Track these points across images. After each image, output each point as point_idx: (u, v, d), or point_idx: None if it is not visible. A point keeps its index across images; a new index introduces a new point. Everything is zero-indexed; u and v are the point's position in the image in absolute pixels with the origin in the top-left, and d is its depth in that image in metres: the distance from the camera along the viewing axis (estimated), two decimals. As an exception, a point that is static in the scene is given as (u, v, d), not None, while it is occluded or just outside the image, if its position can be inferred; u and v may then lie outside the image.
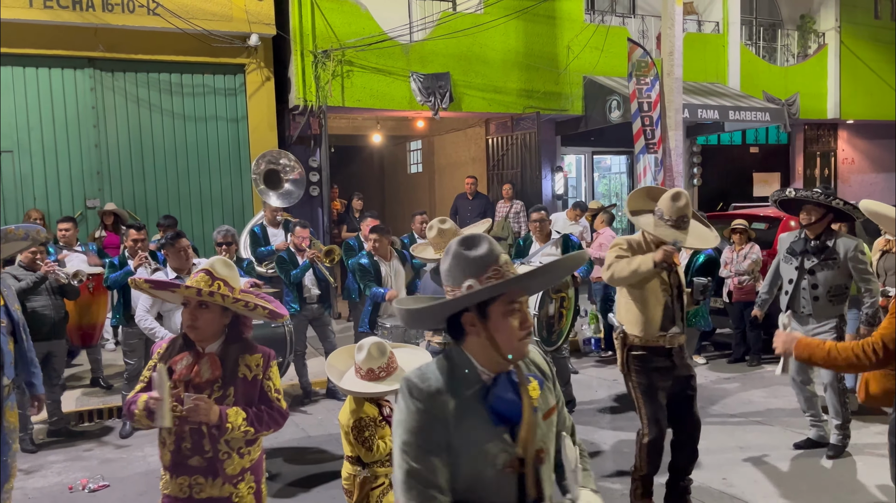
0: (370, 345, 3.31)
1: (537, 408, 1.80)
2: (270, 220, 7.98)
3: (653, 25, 12.75)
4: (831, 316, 4.93)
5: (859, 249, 4.86)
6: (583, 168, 13.97)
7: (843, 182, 15.95)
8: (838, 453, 5.03)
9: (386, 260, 6.24)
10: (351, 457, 3.43)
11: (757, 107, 12.23)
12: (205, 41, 9.49)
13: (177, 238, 5.22)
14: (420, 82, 10.70)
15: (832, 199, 4.80)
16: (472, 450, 1.73)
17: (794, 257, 5.04)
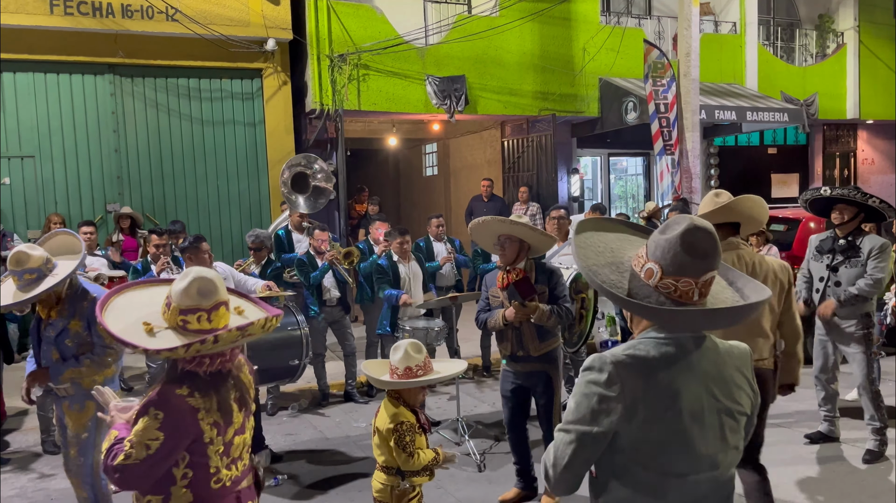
0: (406, 345, 3.35)
1: None
2: (296, 224, 7.75)
3: (669, 26, 12.70)
4: (856, 314, 4.91)
5: (884, 248, 4.83)
6: (599, 170, 13.93)
7: (863, 183, 15.77)
8: (875, 458, 4.94)
9: (406, 262, 6.27)
10: (386, 466, 3.32)
11: (775, 107, 12.14)
12: (223, 46, 9.58)
13: (198, 242, 5.26)
14: (436, 85, 10.72)
15: (869, 197, 4.79)
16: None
17: (823, 255, 5.05)
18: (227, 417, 2.29)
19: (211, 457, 2.26)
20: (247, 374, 2.47)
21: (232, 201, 10.16)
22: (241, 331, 2.17)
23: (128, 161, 9.60)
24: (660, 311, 1.76)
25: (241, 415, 2.36)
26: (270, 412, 6.49)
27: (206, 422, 2.22)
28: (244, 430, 2.40)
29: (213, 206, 10.09)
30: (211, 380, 2.26)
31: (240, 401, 2.36)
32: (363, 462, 5.30)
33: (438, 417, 6.13)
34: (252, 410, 2.47)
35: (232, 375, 2.35)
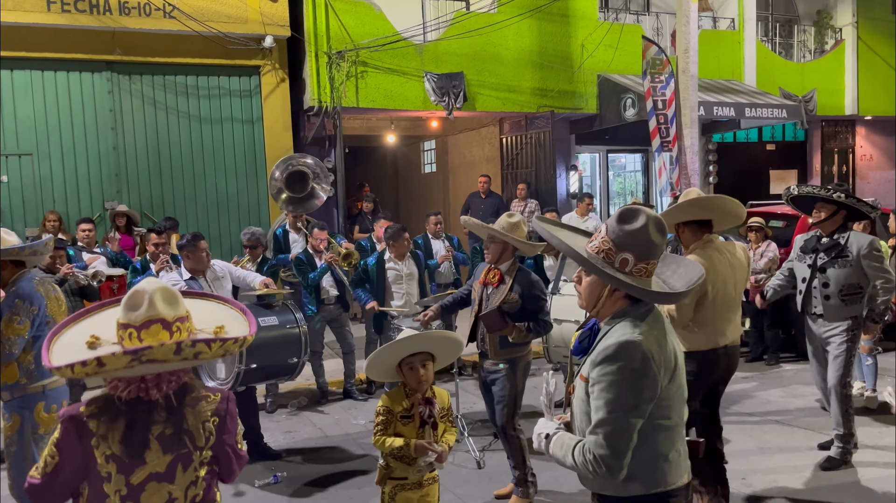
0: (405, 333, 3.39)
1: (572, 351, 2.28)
2: (293, 224, 7.65)
3: (667, 23, 12.68)
4: (844, 317, 4.70)
5: (874, 246, 4.67)
6: (597, 167, 13.92)
7: (862, 179, 15.79)
8: (835, 466, 4.77)
9: (402, 261, 6.25)
10: None
11: (773, 103, 12.13)
12: (220, 43, 9.56)
13: (196, 240, 5.25)
14: (434, 82, 10.71)
15: (840, 194, 4.62)
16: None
17: (806, 255, 4.88)
18: (134, 454, 1.95)
19: (109, 497, 1.95)
20: (203, 415, 2.06)
21: (230, 199, 10.14)
22: (135, 355, 1.82)
23: (126, 159, 9.58)
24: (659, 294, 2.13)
25: (168, 460, 1.99)
26: (269, 410, 6.50)
27: (99, 450, 1.93)
28: (173, 480, 2.00)
29: (212, 203, 10.07)
30: (127, 407, 1.96)
31: (167, 441, 1.99)
32: (362, 459, 5.30)
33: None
34: (197, 464, 2.05)
35: (166, 408, 2.00)
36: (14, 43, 8.70)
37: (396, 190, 17.87)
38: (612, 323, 2.13)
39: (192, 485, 2.04)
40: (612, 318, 2.14)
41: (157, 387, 1.97)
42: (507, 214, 4.47)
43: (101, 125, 9.43)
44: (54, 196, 9.24)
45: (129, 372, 1.90)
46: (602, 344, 2.09)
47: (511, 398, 4.41)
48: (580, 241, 2.23)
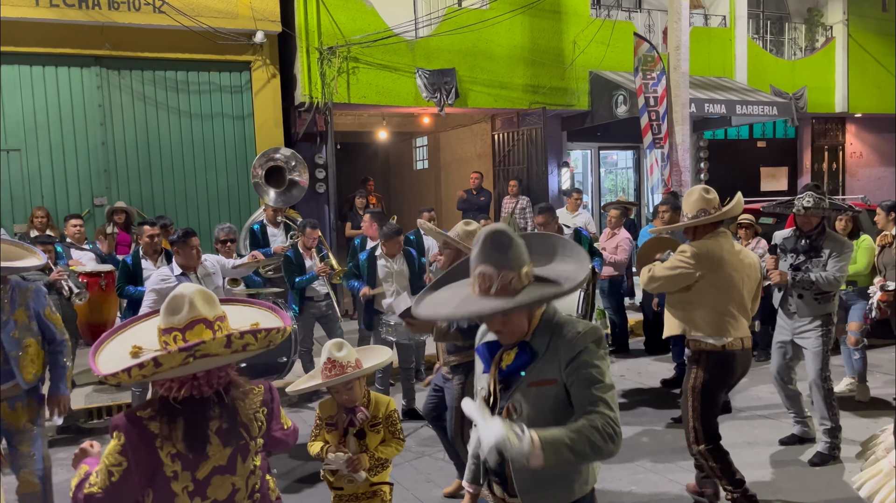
0: (329, 345, 3.21)
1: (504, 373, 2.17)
2: (271, 219, 7.72)
3: (659, 20, 12.70)
4: (816, 314, 4.79)
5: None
6: (589, 163, 13.94)
7: (851, 176, 15.87)
8: (824, 461, 4.82)
9: (392, 258, 6.23)
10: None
11: (764, 101, 12.17)
12: (210, 38, 9.51)
13: (187, 236, 5.23)
14: (426, 78, 10.69)
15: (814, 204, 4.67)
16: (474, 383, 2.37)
17: (786, 254, 4.96)
18: (197, 450, 2.02)
19: (178, 495, 2.01)
20: (252, 407, 2.16)
21: (220, 195, 10.09)
22: (189, 351, 1.88)
23: (115, 154, 9.52)
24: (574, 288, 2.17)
25: (228, 452, 2.07)
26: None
27: (164, 451, 1.98)
28: (235, 472, 2.08)
29: (202, 199, 10.02)
30: (183, 406, 2.02)
31: (225, 435, 2.07)
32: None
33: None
34: (253, 451, 2.15)
35: (218, 403, 2.07)
36: (2, 37, 8.62)
37: (388, 186, 17.84)
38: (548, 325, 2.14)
39: (252, 475, 2.15)
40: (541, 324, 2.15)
41: (209, 384, 2.05)
42: (464, 222, 4.42)
43: (90, 120, 9.36)
44: (42, 192, 9.17)
45: (184, 370, 1.95)
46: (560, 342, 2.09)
47: (459, 412, 4.33)
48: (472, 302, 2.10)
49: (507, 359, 2.17)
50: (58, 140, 9.23)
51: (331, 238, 10.31)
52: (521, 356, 2.14)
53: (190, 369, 1.96)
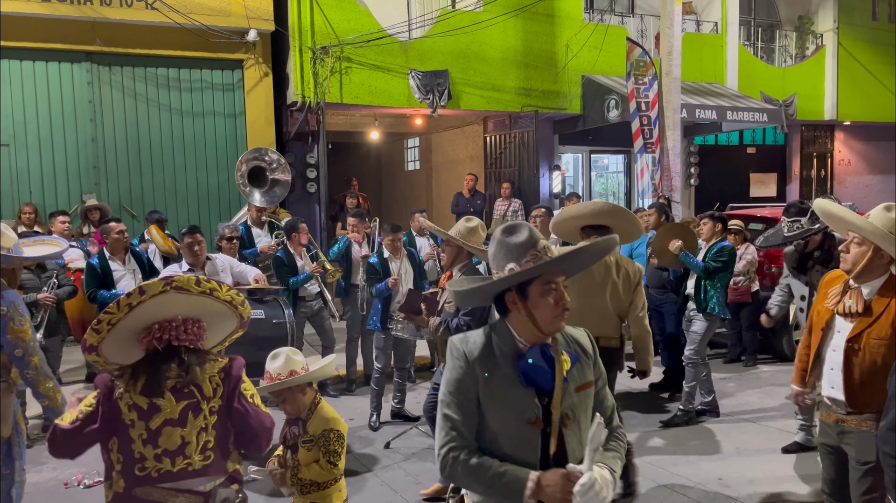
0: (287, 351, 3.15)
1: (567, 378, 2.04)
2: (255, 219, 7.64)
3: (651, 25, 12.76)
4: None
5: None
6: (580, 167, 13.98)
7: (840, 184, 16.00)
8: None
9: (397, 259, 6.22)
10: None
11: (754, 107, 12.25)
12: (203, 36, 9.47)
13: (187, 233, 5.22)
14: (418, 79, 10.69)
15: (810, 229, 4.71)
16: (498, 406, 2.00)
17: (801, 274, 4.98)
18: (151, 402, 2.31)
19: (134, 441, 2.30)
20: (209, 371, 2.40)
21: (211, 192, 10.05)
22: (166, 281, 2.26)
23: (105, 151, 9.46)
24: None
25: (180, 407, 2.33)
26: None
27: (123, 401, 2.31)
28: (185, 425, 2.32)
29: (192, 197, 9.98)
30: (150, 363, 2.34)
31: (179, 392, 2.34)
32: (341, 457, 5.28)
33: (417, 412, 6.11)
34: (206, 412, 2.36)
35: (178, 364, 2.34)
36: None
37: (380, 187, 17.83)
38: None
39: (203, 431, 2.36)
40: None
41: (185, 331, 2.37)
42: (466, 219, 4.44)
43: (80, 116, 9.30)
44: (31, 188, 9.11)
45: (162, 306, 2.29)
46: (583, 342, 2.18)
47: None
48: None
49: (566, 364, 2.06)
50: (47, 136, 9.16)
51: (321, 238, 10.28)
52: (572, 357, 2.10)
53: (167, 305, 2.29)
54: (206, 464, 2.36)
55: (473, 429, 2.01)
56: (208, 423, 2.36)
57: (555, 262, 2.03)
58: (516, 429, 2.00)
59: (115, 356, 2.39)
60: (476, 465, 1.96)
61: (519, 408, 1.99)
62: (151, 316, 2.33)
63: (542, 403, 2.00)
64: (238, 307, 2.47)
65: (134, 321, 2.31)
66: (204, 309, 2.41)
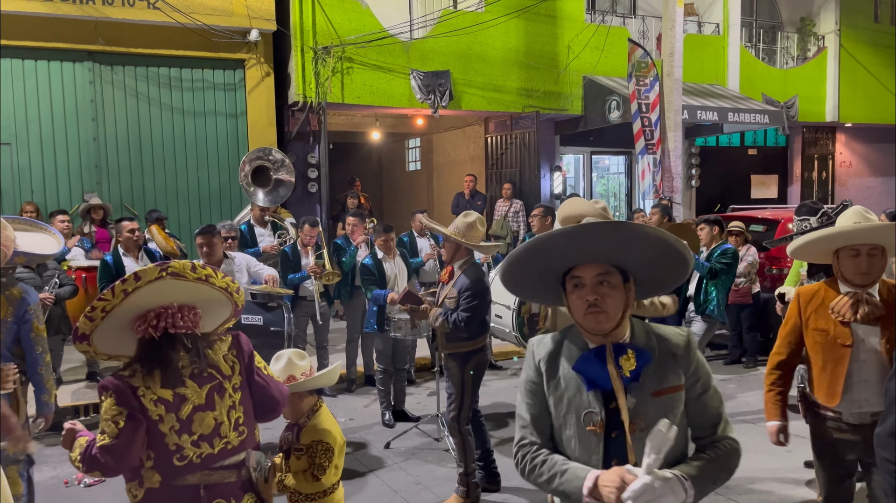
0: (290, 353, 3.12)
1: (631, 379, 1.91)
2: (258, 218, 7.68)
3: (653, 26, 12.76)
4: None
5: None
6: (581, 168, 13.98)
7: (841, 185, 15.99)
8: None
9: (390, 258, 6.23)
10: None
11: (756, 109, 12.25)
12: (205, 36, 9.48)
13: (204, 233, 5.24)
14: (420, 80, 10.69)
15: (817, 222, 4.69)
16: (562, 407, 1.98)
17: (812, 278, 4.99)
18: (175, 393, 2.28)
19: (166, 435, 2.26)
20: (221, 351, 2.41)
21: (212, 192, 10.06)
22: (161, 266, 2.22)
23: (106, 150, 9.47)
24: None
25: (204, 392, 2.33)
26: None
27: (147, 398, 2.25)
28: (214, 408, 2.34)
29: (193, 196, 9.98)
30: (156, 355, 2.29)
31: (199, 377, 2.33)
32: (342, 457, 5.29)
33: (419, 413, 6.12)
34: (230, 391, 2.38)
35: (188, 352, 2.33)
36: (-6, 30, 8.57)
37: (381, 187, 17.83)
38: (641, 329, 2.01)
39: (232, 409, 2.38)
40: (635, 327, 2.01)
41: (182, 318, 2.33)
42: (464, 214, 4.46)
43: (82, 116, 9.31)
44: (32, 187, 9.11)
45: (158, 293, 2.25)
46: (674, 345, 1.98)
47: (458, 394, 4.40)
48: None
49: (629, 364, 1.92)
50: (49, 135, 9.17)
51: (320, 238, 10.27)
52: (642, 357, 1.93)
53: (162, 292, 2.25)
54: (243, 438, 2.40)
55: (544, 428, 2.02)
56: (235, 401, 2.39)
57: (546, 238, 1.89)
58: (580, 432, 1.95)
59: (106, 347, 2.35)
60: (541, 462, 1.97)
61: (581, 410, 1.95)
62: (146, 303, 2.28)
63: (608, 406, 1.92)
64: (233, 294, 2.44)
65: (129, 308, 2.25)
66: (199, 296, 2.38)
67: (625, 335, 1.97)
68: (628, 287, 1.96)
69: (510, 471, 4.95)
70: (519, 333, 5.51)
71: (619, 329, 1.95)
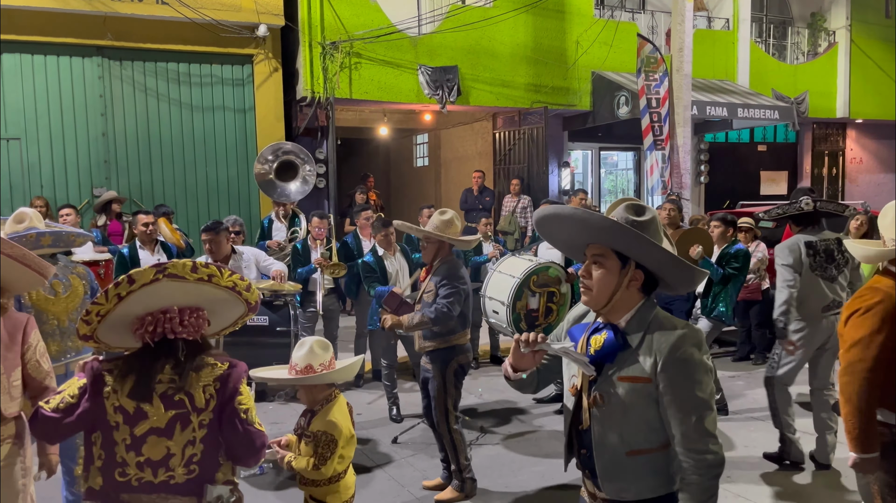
0: (313, 342, 3.12)
1: (597, 358, 2.03)
2: (285, 213, 7.67)
3: (662, 21, 12.69)
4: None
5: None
6: (590, 164, 13.94)
7: (851, 182, 15.89)
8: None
9: (391, 255, 6.21)
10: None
11: (766, 104, 12.18)
12: (213, 31, 9.48)
13: (208, 230, 5.25)
14: (428, 75, 10.67)
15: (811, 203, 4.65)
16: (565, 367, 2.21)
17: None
18: (138, 407, 2.15)
19: (117, 444, 2.16)
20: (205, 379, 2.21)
21: (220, 188, 10.08)
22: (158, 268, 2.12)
23: (115, 145, 9.49)
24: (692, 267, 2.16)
25: (168, 417, 2.16)
26: (256, 400, 6.44)
27: (110, 401, 2.16)
28: (171, 436, 2.16)
29: (202, 192, 10.01)
30: (140, 361, 2.19)
31: (169, 400, 2.17)
32: (349, 452, 5.30)
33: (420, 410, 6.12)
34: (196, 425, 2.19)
35: (173, 366, 2.18)
36: (4, 25, 8.60)
37: (388, 183, 17.84)
38: (643, 318, 2.03)
39: (190, 445, 2.19)
40: (637, 314, 2.04)
41: (182, 323, 2.19)
42: (440, 212, 4.42)
43: (91, 111, 9.34)
44: (42, 181, 9.15)
45: (155, 295, 2.12)
46: (662, 340, 1.97)
47: (441, 396, 4.35)
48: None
49: (596, 344, 2.04)
50: (58, 129, 9.20)
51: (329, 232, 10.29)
52: (610, 340, 2.02)
53: (160, 295, 2.13)
54: (190, 477, 2.20)
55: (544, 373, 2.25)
56: (196, 437, 2.19)
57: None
58: (566, 391, 2.18)
59: (116, 341, 2.27)
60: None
61: (570, 372, 2.16)
62: (144, 306, 2.15)
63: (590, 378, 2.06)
64: (242, 293, 2.27)
65: (125, 312, 2.14)
66: (203, 296, 2.22)
67: (622, 317, 2.05)
68: (624, 272, 2.02)
69: (514, 464, 4.94)
70: (516, 329, 5.49)
71: (612, 309, 2.05)
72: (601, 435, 2.04)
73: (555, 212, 2.09)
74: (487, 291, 5.82)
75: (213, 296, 2.24)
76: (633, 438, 2.01)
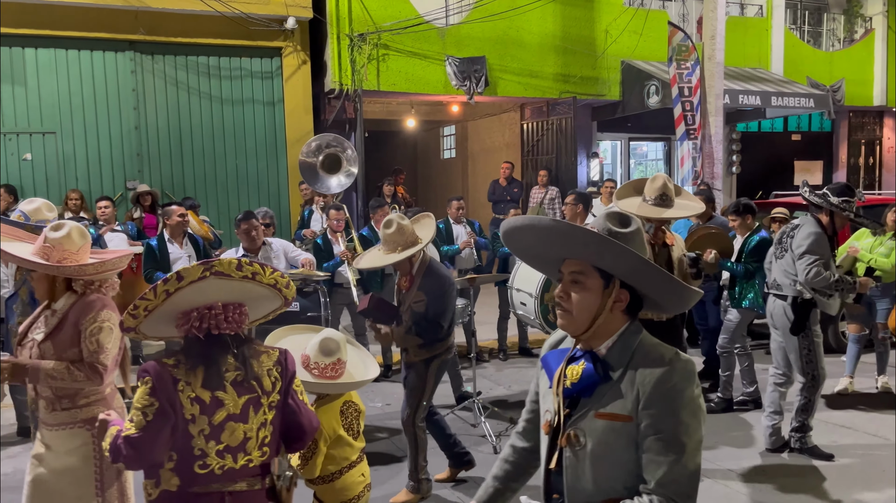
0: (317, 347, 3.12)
1: (572, 392, 1.79)
2: (326, 203, 7.79)
3: (694, 9, 12.49)
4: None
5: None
6: (619, 154, 13.80)
7: (888, 171, 15.51)
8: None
9: None
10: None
11: (800, 93, 11.93)
12: (243, 24, 9.55)
13: (248, 218, 5.31)
14: (455, 66, 10.63)
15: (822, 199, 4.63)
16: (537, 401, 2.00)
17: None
18: (214, 396, 2.19)
19: (194, 437, 2.17)
20: (265, 365, 2.32)
21: (250, 180, 10.17)
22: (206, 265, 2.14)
23: (147, 138, 9.63)
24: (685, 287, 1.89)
25: (241, 402, 2.23)
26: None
27: (185, 394, 2.16)
28: (247, 421, 2.24)
29: (232, 184, 10.11)
30: (203, 353, 2.21)
31: (240, 386, 2.23)
32: (380, 442, 5.32)
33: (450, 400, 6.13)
34: (266, 408, 2.28)
35: (235, 352, 2.25)
36: (38, 21, 8.75)
37: (415, 175, 17.85)
38: (627, 345, 1.77)
39: (262, 427, 2.28)
40: (620, 340, 1.78)
41: (226, 319, 2.23)
42: (384, 224, 4.13)
43: (124, 105, 9.48)
44: (77, 174, 9.32)
45: (201, 292, 2.17)
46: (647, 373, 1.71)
47: (417, 395, 4.28)
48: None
49: (573, 376, 1.79)
50: (92, 123, 9.36)
51: (358, 225, 10.33)
52: (588, 372, 1.77)
53: (206, 292, 2.18)
54: (264, 459, 2.29)
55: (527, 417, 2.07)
56: (267, 419, 2.28)
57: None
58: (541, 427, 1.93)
59: (155, 331, 2.32)
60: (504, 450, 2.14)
61: (545, 406, 1.88)
62: (190, 302, 2.19)
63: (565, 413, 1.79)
64: (282, 290, 2.34)
65: (172, 307, 2.18)
66: (246, 293, 2.27)
67: (602, 344, 1.79)
68: (608, 292, 1.76)
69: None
70: (544, 321, 5.45)
71: (593, 335, 1.78)
72: (574, 479, 1.78)
73: (528, 223, 1.79)
74: (515, 283, 5.79)
75: (256, 292, 2.30)
76: (609, 485, 1.75)
